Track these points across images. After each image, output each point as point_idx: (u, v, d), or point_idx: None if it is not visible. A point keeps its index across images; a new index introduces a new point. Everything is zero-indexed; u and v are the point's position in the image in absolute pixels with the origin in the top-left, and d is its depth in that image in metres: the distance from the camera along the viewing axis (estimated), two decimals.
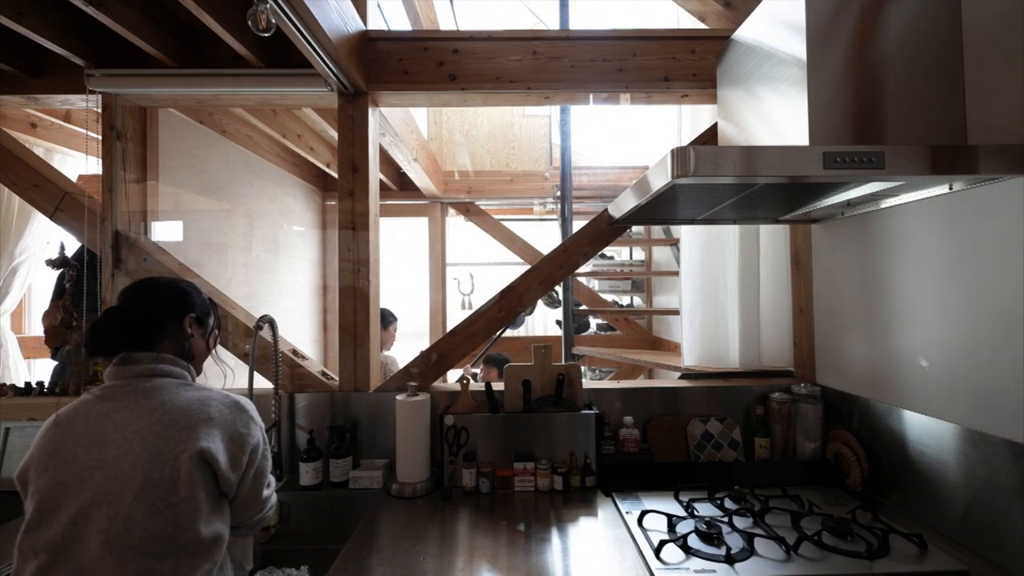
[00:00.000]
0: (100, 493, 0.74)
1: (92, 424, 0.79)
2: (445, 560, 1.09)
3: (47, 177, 1.68)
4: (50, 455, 0.77)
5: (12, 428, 1.48)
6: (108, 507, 0.73)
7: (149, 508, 0.74)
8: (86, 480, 0.75)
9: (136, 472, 0.75)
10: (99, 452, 0.77)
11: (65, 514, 0.73)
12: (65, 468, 0.76)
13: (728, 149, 0.97)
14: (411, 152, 2.61)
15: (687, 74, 1.68)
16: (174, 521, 0.75)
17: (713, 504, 1.30)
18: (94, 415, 0.80)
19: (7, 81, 1.66)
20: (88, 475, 0.75)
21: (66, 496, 0.74)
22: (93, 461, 0.76)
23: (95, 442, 0.78)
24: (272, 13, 1.06)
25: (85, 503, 0.74)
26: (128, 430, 0.78)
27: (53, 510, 0.74)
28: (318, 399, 1.58)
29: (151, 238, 1.76)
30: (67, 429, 0.79)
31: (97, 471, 0.75)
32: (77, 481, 0.75)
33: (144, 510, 0.74)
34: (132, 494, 0.74)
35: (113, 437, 0.78)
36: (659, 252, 3.79)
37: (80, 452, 0.77)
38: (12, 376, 2.18)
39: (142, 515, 0.74)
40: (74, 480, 0.75)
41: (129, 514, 0.73)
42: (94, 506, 0.73)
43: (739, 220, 1.61)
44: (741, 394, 1.65)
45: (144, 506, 0.74)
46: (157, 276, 0.98)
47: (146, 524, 0.74)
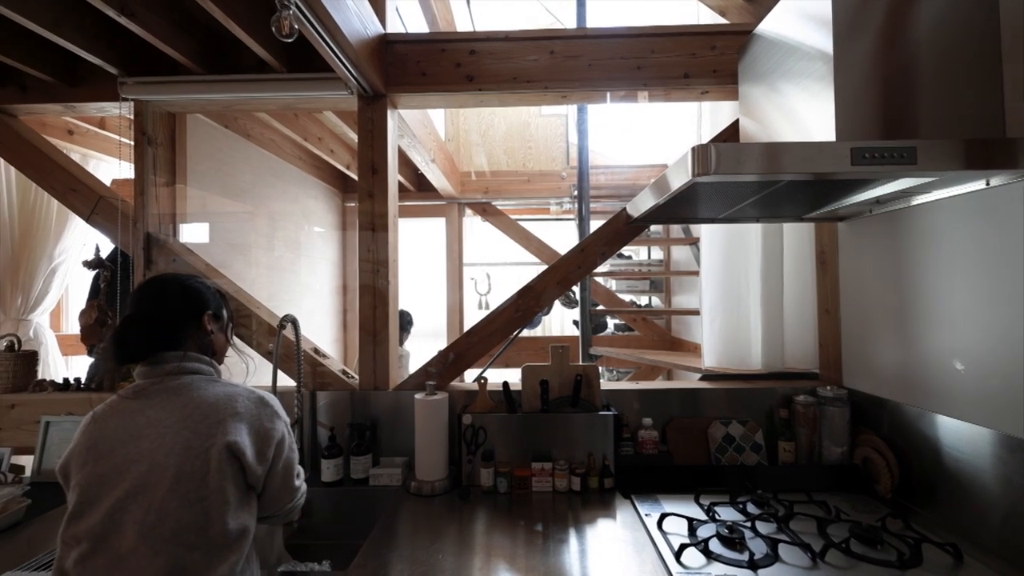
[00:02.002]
0: (136, 485, 0.77)
1: (127, 420, 0.83)
2: (463, 558, 1.09)
3: (83, 182, 1.75)
4: (88, 450, 0.81)
5: (52, 422, 1.55)
6: (143, 499, 0.77)
7: (181, 500, 0.77)
8: (123, 473, 0.78)
9: (169, 465, 0.79)
10: (134, 446, 0.80)
11: (104, 505, 0.77)
12: (103, 462, 0.79)
13: (751, 146, 0.95)
14: (429, 153, 2.64)
15: (707, 70, 1.65)
16: (205, 513, 0.78)
17: (735, 508, 1.27)
18: (128, 412, 0.84)
19: (47, 91, 1.73)
20: (125, 468, 0.79)
21: (105, 488, 0.78)
22: (129, 455, 0.79)
23: (131, 437, 0.81)
24: (295, 19, 1.08)
25: (122, 495, 0.77)
26: (161, 425, 0.82)
27: (93, 501, 0.77)
28: (339, 397, 1.61)
29: (179, 240, 1.81)
30: (104, 425, 0.83)
31: (133, 464, 0.79)
32: (115, 474, 0.78)
33: (177, 502, 0.77)
34: (166, 486, 0.77)
35: (147, 432, 0.81)
36: (678, 251, 3.74)
37: (117, 447, 0.80)
38: (51, 372, 2.28)
39: (175, 506, 0.77)
40: (112, 473, 0.78)
41: (163, 505, 0.76)
42: (130, 498, 0.77)
43: (762, 218, 1.57)
44: (764, 396, 1.61)
45: (177, 498, 0.77)
46: (167, 275, 0.99)
47: (178, 515, 0.77)
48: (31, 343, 2.16)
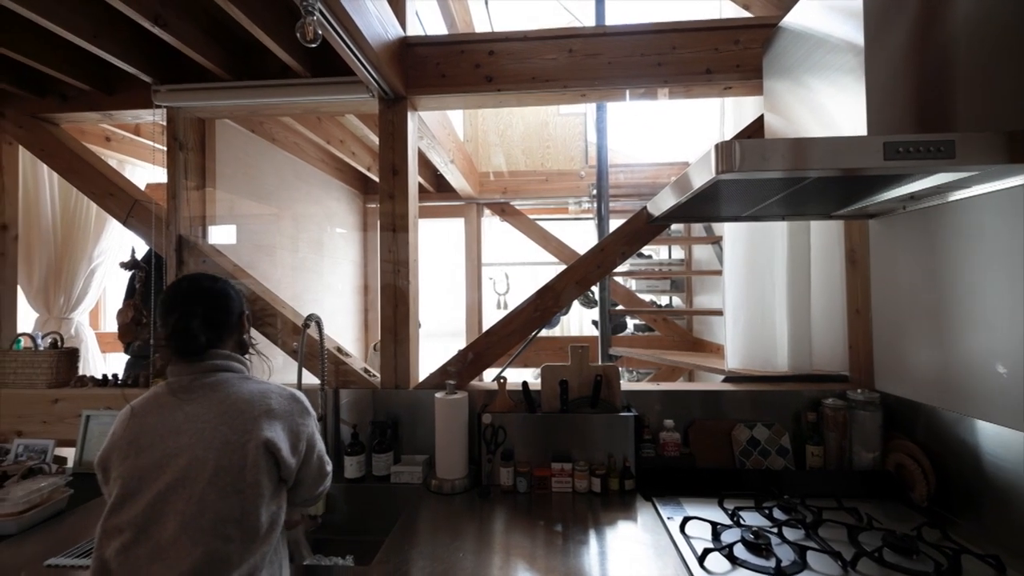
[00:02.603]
0: (177, 478, 0.81)
1: (166, 416, 0.86)
2: (483, 557, 1.10)
3: (120, 186, 1.83)
4: (130, 444, 0.84)
5: (92, 416, 1.62)
6: (184, 491, 0.80)
7: (220, 492, 0.80)
8: (164, 466, 0.81)
9: (208, 459, 0.82)
10: (174, 441, 0.83)
11: (146, 497, 0.80)
12: (145, 455, 0.83)
13: (776, 141, 0.93)
14: (448, 154, 2.66)
15: (730, 65, 1.62)
16: (241, 505, 0.81)
17: (761, 513, 1.24)
18: (167, 407, 0.87)
19: (86, 99, 1.82)
20: (166, 462, 0.82)
21: (146, 481, 0.81)
22: (169, 449, 0.83)
23: (170, 432, 0.84)
24: (319, 25, 1.10)
25: (163, 487, 0.80)
26: (199, 420, 0.85)
27: (135, 493, 0.81)
28: (361, 395, 1.64)
29: (208, 241, 1.88)
30: (144, 420, 0.86)
31: (173, 458, 0.82)
32: (156, 467, 0.82)
33: (215, 494, 0.80)
34: (205, 479, 0.80)
35: (186, 427, 0.84)
36: (700, 251, 3.67)
37: (157, 441, 0.84)
38: (91, 369, 2.39)
39: (214, 498, 0.80)
40: (153, 466, 0.82)
41: (203, 497, 0.80)
42: (171, 490, 0.80)
43: (788, 216, 1.53)
44: (790, 399, 1.57)
45: (216, 490, 0.80)
46: (204, 274, 1.02)
47: (217, 507, 0.80)
48: (72, 341, 2.26)
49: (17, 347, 1.85)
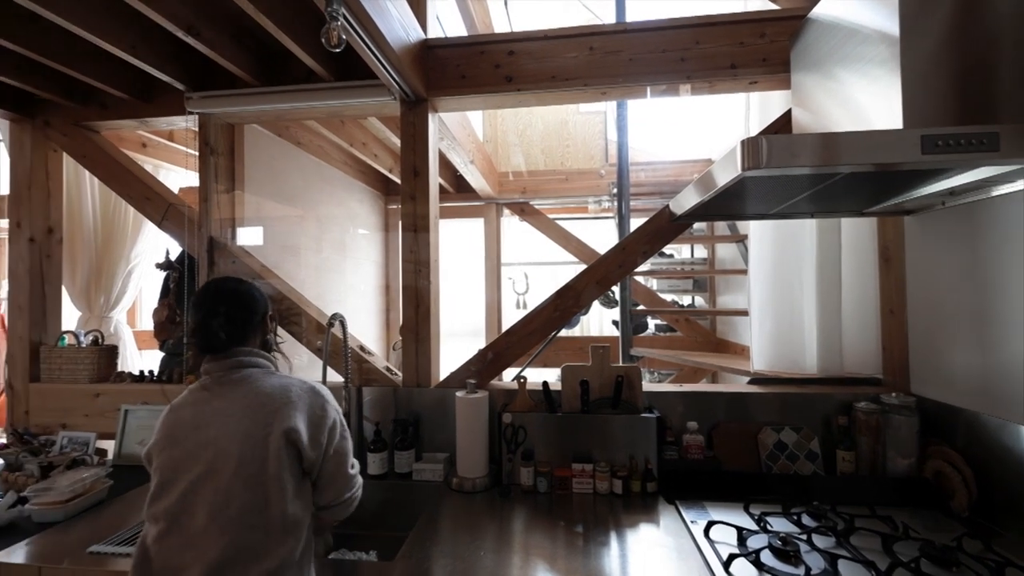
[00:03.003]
0: (206, 469, 0.85)
1: (197, 410, 0.91)
2: (504, 556, 1.10)
3: (155, 190, 1.90)
4: (166, 437, 0.90)
5: (130, 410, 1.70)
6: (212, 481, 0.84)
7: (245, 483, 0.84)
8: (195, 457, 0.86)
9: (233, 451, 0.86)
10: (203, 434, 0.88)
11: (179, 487, 0.85)
12: (178, 447, 0.88)
13: (806, 136, 0.90)
14: (468, 155, 2.67)
15: (756, 59, 1.58)
16: (265, 496, 0.85)
17: (789, 519, 1.21)
18: (198, 402, 0.92)
19: (124, 107, 1.90)
20: (196, 453, 0.86)
21: (179, 471, 0.86)
22: (199, 441, 0.87)
23: (200, 425, 0.89)
24: (343, 30, 1.12)
25: (194, 478, 0.85)
26: (225, 414, 0.89)
27: (170, 483, 0.86)
28: (383, 393, 1.66)
29: (237, 242, 1.94)
30: (178, 415, 0.92)
31: (202, 450, 0.86)
32: (188, 459, 0.86)
33: (241, 484, 0.84)
34: (231, 470, 0.84)
35: (213, 421, 0.89)
36: (724, 249, 3.59)
37: (189, 434, 0.88)
38: (129, 365, 2.50)
39: (239, 488, 0.84)
40: (186, 458, 0.87)
41: (229, 488, 0.83)
42: (201, 480, 0.84)
43: (817, 213, 1.49)
44: (820, 402, 1.52)
45: (241, 481, 0.84)
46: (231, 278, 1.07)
47: (243, 497, 0.83)
48: (112, 338, 2.37)
49: (62, 344, 1.95)
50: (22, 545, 1.15)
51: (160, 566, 0.81)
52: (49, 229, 1.99)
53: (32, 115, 1.94)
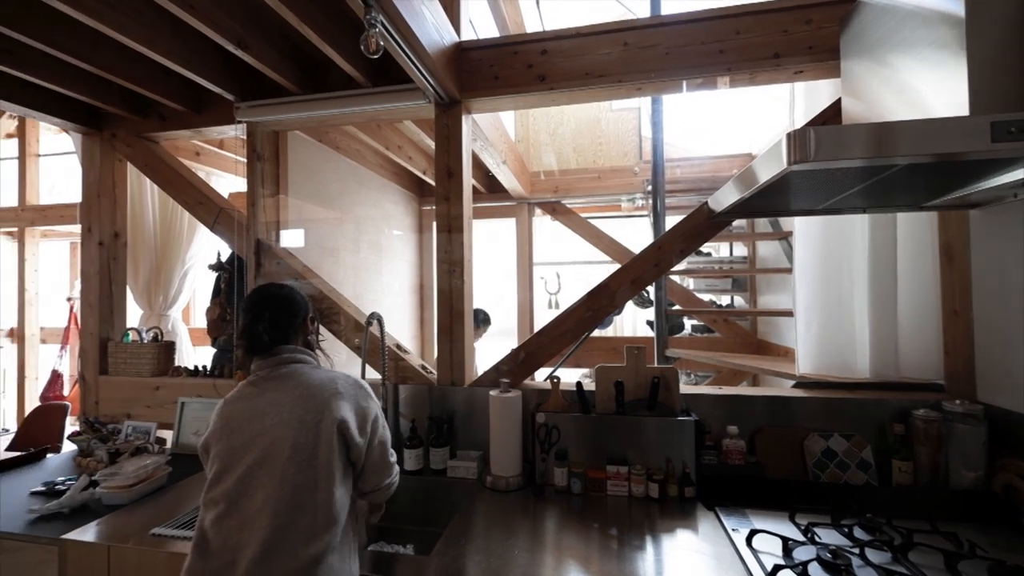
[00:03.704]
0: (262, 455, 0.92)
1: (251, 403, 0.98)
2: (537, 556, 1.10)
3: (208, 196, 2.02)
4: (223, 427, 0.97)
5: (186, 403, 1.81)
6: (267, 466, 0.91)
7: (298, 467, 0.90)
8: (251, 445, 0.93)
9: (288, 436, 0.92)
10: (259, 423, 0.95)
11: (237, 472, 0.91)
12: (235, 436, 0.95)
13: (858, 127, 0.86)
14: (500, 155, 2.68)
15: (801, 48, 1.51)
16: (315, 480, 0.91)
17: (839, 531, 1.15)
18: (252, 396, 0.99)
19: (180, 119, 2.03)
20: (252, 440, 0.93)
21: (237, 458, 0.93)
22: (255, 430, 0.94)
23: (255, 415, 0.96)
24: (380, 36, 1.16)
25: (251, 463, 0.91)
26: (279, 404, 0.96)
27: (228, 469, 0.92)
28: (418, 391, 1.70)
29: (281, 244, 2.03)
30: (234, 407, 0.99)
31: (258, 437, 0.93)
32: (244, 446, 0.93)
33: (294, 468, 0.90)
34: (285, 455, 0.91)
35: (268, 411, 0.96)
36: (765, 247, 3.45)
37: (245, 424, 0.95)
38: (184, 360, 2.67)
39: (292, 472, 0.90)
40: (242, 445, 0.93)
41: (283, 471, 0.90)
42: (257, 465, 0.91)
43: (869, 208, 1.40)
44: (873, 408, 1.43)
45: (294, 465, 0.90)
46: (276, 283, 1.14)
47: (296, 480, 0.90)
48: (169, 335, 2.53)
49: (126, 340, 2.10)
50: (93, 525, 1.25)
51: (219, 546, 0.87)
52: (115, 233, 2.15)
53: (100, 128, 2.10)
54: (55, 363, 4.27)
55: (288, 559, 0.85)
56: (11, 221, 3.89)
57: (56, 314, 4.58)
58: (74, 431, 1.80)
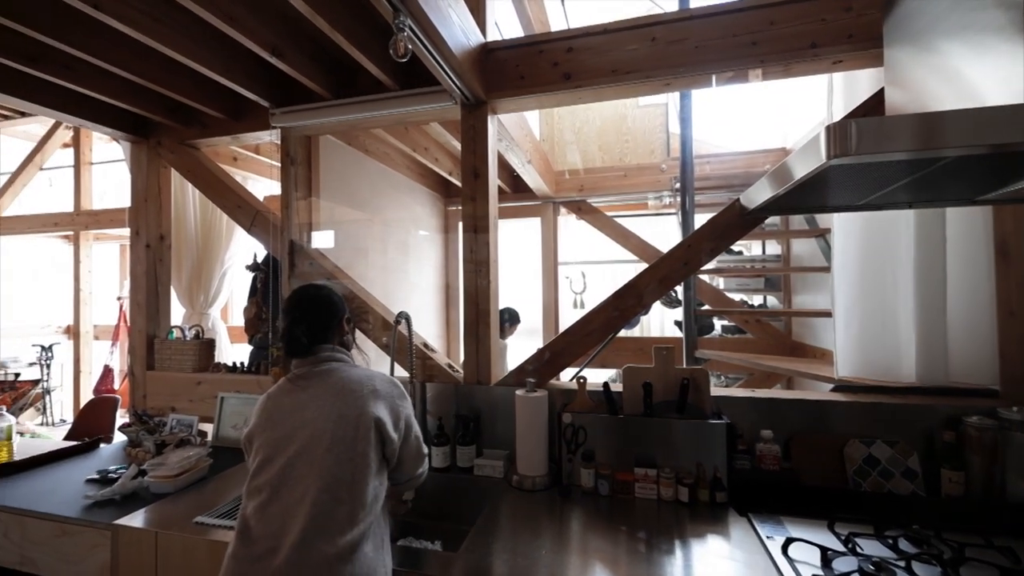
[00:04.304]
0: (302, 446, 0.96)
1: (292, 397, 1.03)
2: (564, 557, 1.10)
3: (245, 199, 2.10)
4: (266, 420, 1.02)
5: (225, 397, 1.89)
6: (307, 457, 0.95)
7: (336, 459, 0.94)
8: (293, 437, 0.98)
9: (327, 430, 0.97)
10: (300, 416, 1.00)
11: (279, 463, 0.96)
12: (277, 429, 1.00)
13: (904, 118, 0.81)
14: (525, 155, 2.69)
15: (840, 36, 1.44)
16: (352, 472, 0.95)
17: (882, 543, 1.09)
18: (293, 391, 1.04)
19: (219, 126, 2.12)
20: (294, 433, 0.98)
21: (279, 449, 0.97)
22: (296, 422, 0.99)
23: (297, 409, 1.01)
24: (408, 40, 1.18)
25: (292, 454, 0.96)
26: (318, 399, 1.01)
27: (271, 459, 0.97)
28: (445, 389, 1.72)
29: (313, 245, 2.09)
30: (276, 401, 1.04)
31: (299, 430, 0.98)
32: (286, 438, 0.98)
33: (332, 460, 0.94)
34: (324, 447, 0.95)
35: (309, 405, 1.01)
36: (801, 245, 3.32)
37: (287, 417, 1.00)
38: (223, 357, 2.79)
39: (331, 463, 0.94)
40: (284, 438, 0.98)
41: (322, 463, 0.94)
42: (298, 456, 0.96)
43: (916, 203, 1.33)
44: (919, 414, 1.36)
45: (333, 456, 0.94)
46: (314, 285, 1.19)
47: (334, 471, 0.93)
48: (210, 332, 2.66)
49: (171, 337, 2.21)
50: (142, 512, 1.32)
51: (260, 532, 0.91)
52: (161, 236, 2.27)
53: (147, 137, 2.22)
54: (106, 358, 4.55)
55: (326, 546, 0.88)
56: (67, 225, 4.16)
57: (107, 312, 4.88)
58: (124, 423, 1.91)
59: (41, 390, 4.33)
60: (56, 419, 4.42)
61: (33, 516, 1.32)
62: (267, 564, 0.87)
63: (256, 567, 0.88)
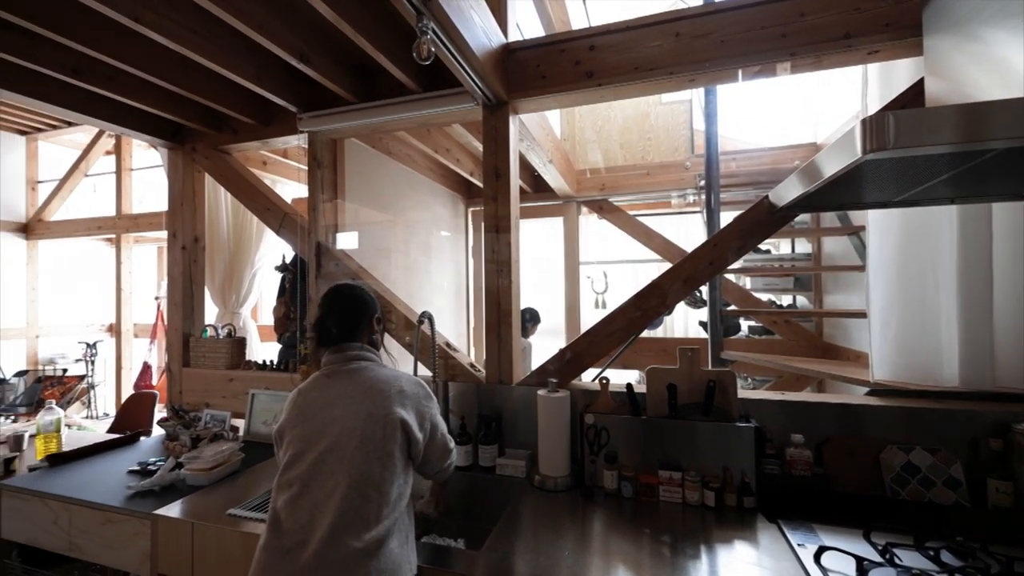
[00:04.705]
0: (332, 443, 0.99)
1: (322, 394, 1.06)
2: (587, 558, 1.09)
3: (274, 202, 2.17)
4: (297, 415, 1.05)
5: (255, 394, 1.96)
6: (337, 453, 0.98)
7: (364, 456, 0.97)
8: (323, 433, 1.00)
9: (356, 427, 0.99)
10: (330, 413, 1.02)
11: (309, 458, 0.99)
12: (308, 424, 1.02)
13: (946, 109, 0.78)
14: (547, 154, 2.68)
15: (877, 25, 1.39)
16: (379, 470, 0.97)
17: (923, 554, 1.04)
18: (323, 387, 1.07)
19: (250, 131, 2.19)
20: (324, 429, 1.01)
21: (310, 444, 1.00)
22: (326, 419, 1.01)
23: (327, 405, 1.03)
24: (432, 43, 1.19)
25: (323, 450, 0.99)
26: (348, 396, 1.04)
27: (302, 454, 1.00)
28: (467, 389, 1.73)
29: (338, 246, 2.14)
30: (307, 397, 1.07)
31: (329, 426, 1.00)
32: (317, 434, 1.01)
33: (361, 457, 0.97)
34: (354, 444, 0.98)
35: (338, 402, 1.03)
36: (833, 243, 3.20)
37: (318, 413, 1.03)
38: (253, 355, 2.89)
39: (359, 460, 0.96)
40: (315, 433, 1.01)
41: (352, 459, 0.96)
42: (328, 452, 0.98)
43: (959, 199, 1.26)
44: (963, 420, 1.29)
45: (361, 454, 0.97)
46: (349, 284, 1.22)
47: (362, 468, 0.96)
48: (241, 331, 2.75)
49: (205, 335, 2.30)
50: (179, 503, 1.38)
51: (291, 525, 0.94)
52: (195, 238, 2.36)
53: (183, 143, 2.31)
54: (145, 355, 4.76)
55: (353, 541, 0.90)
56: (110, 228, 4.38)
57: (145, 311, 5.11)
58: (162, 417, 2.00)
59: (86, 385, 4.58)
60: (100, 413, 4.66)
61: (80, 504, 1.40)
62: (297, 557, 0.90)
63: (286, 559, 0.91)
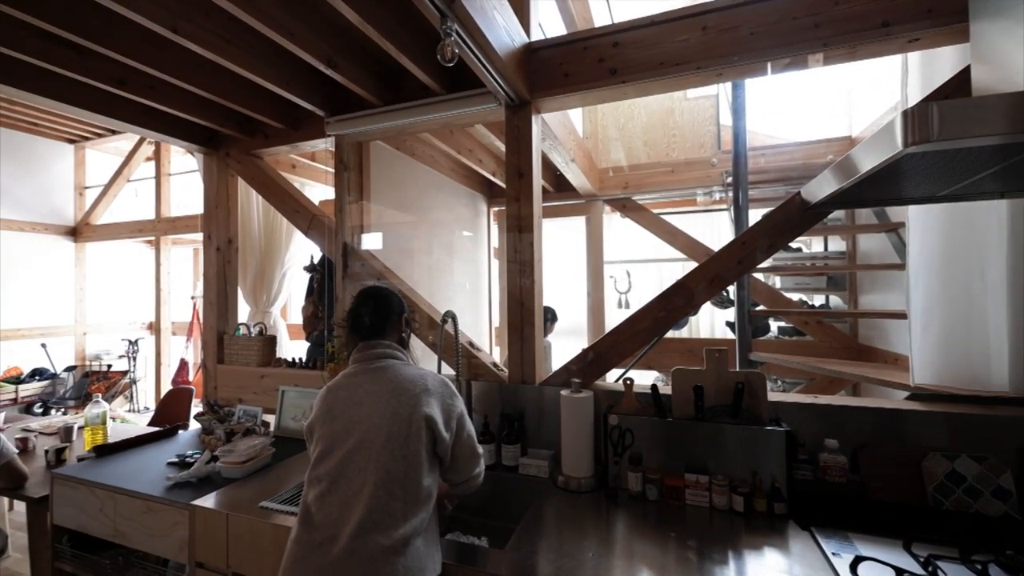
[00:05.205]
0: (360, 441, 1.01)
1: (351, 392, 1.08)
2: (610, 560, 1.08)
3: (303, 204, 2.23)
4: (326, 412, 1.07)
5: (285, 391, 2.02)
6: (365, 451, 1.00)
7: (391, 455, 0.98)
8: (350, 430, 1.02)
9: (383, 426, 1.01)
10: (357, 411, 1.04)
11: (338, 454, 1.01)
12: (337, 422, 1.05)
13: (994, 98, 0.74)
14: (569, 153, 2.66)
15: (918, 11, 1.32)
16: (405, 468, 0.98)
17: (969, 568, 0.99)
18: (351, 385, 1.09)
19: (280, 136, 2.27)
20: (351, 427, 1.03)
21: (338, 441, 1.03)
22: (354, 417, 1.04)
23: (354, 403, 1.06)
24: (455, 44, 1.20)
25: (351, 447, 1.01)
26: (375, 395, 1.05)
27: (331, 450, 1.02)
28: (490, 388, 1.74)
29: (364, 247, 2.18)
30: (336, 395, 1.10)
31: (357, 424, 1.03)
32: (345, 431, 1.03)
33: (387, 455, 0.98)
34: (380, 442, 0.99)
35: (365, 400, 1.05)
36: (869, 241, 3.07)
37: (346, 410, 1.05)
38: (283, 353, 2.97)
39: (386, 459, 0.98)
40: (343, 431, 1.03)
41: (378, 457, 0.98)
42: (356, 450, 1.00)
43: (1009, 193, 1.19)
44: (1013, 427, 1.22)
45: (388, 452, 0.98)
46: (379, 284, 1.26)
47: (388, 466, 0.97)
48: (271, 330, 2.84)
49: (238, 334, 2.39)
50: (214, 494, 1.43)
51: (321, 520, 0.96)
52: (229, 240, 2.46)
53: (217, 148, 2.41)
54: (182, 352, 4.98)
55: (381, 538, 0.92)
56: (149, 231, 4.60)
57: (182, 310, 5.33)
58: (198, 412, 2.09)
59: (129, 380, 4.82)
60: (141, 407, 4.90)
61: (124, 493, 1.47)
62: (327, 551, 0.92)
63: (317, 553, 0.93)
